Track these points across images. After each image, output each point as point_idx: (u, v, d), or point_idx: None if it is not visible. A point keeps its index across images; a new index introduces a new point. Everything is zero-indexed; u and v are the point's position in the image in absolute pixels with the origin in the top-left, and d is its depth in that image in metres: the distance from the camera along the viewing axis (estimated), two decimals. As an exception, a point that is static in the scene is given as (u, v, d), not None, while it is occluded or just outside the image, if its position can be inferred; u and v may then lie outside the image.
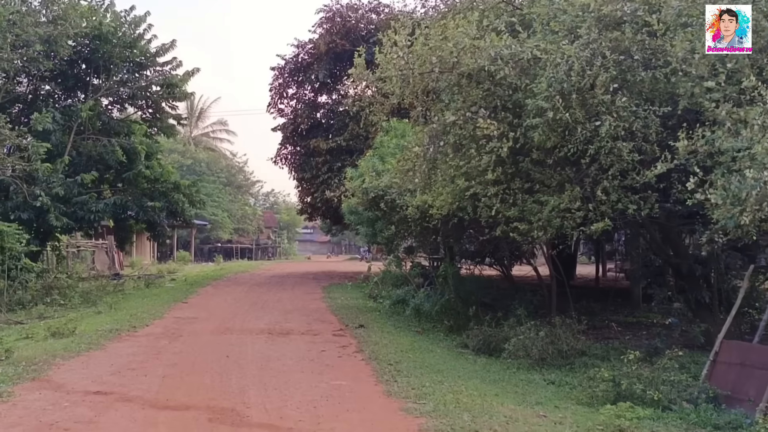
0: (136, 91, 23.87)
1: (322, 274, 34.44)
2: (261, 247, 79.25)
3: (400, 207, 14.59)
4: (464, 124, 10.73)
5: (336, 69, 30.62)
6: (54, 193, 20.27)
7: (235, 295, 21.68)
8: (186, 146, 70.11)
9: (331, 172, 28.66)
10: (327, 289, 23.90)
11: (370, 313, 16.92)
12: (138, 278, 28.49)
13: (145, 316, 15.89)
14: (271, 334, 13.32)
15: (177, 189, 23.42)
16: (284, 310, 17.62)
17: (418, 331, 14.28)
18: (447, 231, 14.11)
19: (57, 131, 21.63)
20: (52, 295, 19.84)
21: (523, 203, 10.67)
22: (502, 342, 11.89)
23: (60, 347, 11.32)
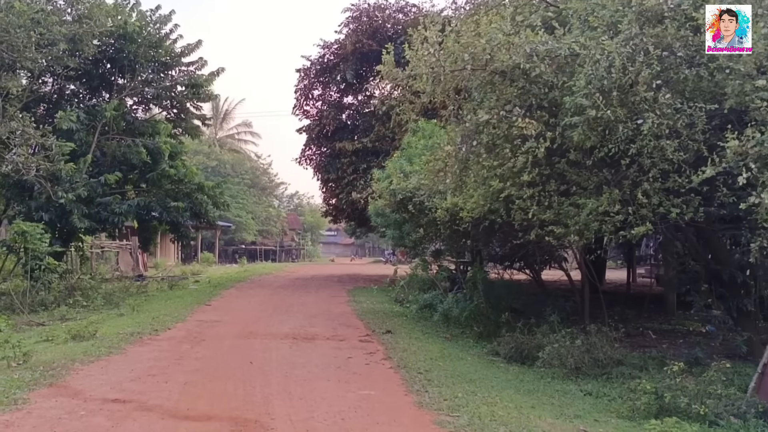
0: (161, 92, 23.66)
1: (347, 277, 34.12)
2: (285, 249, 79.14)
3: (428, 209, 14.18)
4: (498, 123, 10.32)
5: (362, 69, 30.28)
6: (77, 193, 20.06)
7: (258, 298, 21.38)
8: (211, 148, 70.17)
9: (356, 173, 28.32)
10: (352, 293, 23.53)
11: (397, 318, 16.52)
12: (161, 280, 28.30)
13: (167, 319, 15.60)
14: (296, 339, 12.95)
15: (201, 190, 23.15)
16: (309, 314, 17.27)
17: (446, 338, 13.88)
18: (477, 234, 13.66)
19: (81, 131, 21.46)
20: (74, 297, 19.63)
21: (559, 206, 10.22)
22: (535, 350, 11.45)
23: (80, 351, 11.03)
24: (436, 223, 14.13)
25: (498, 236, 14.27)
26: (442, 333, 14.41)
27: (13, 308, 17.37)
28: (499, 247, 16.68)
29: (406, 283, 19.73)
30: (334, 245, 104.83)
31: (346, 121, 31.50)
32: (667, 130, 8.64)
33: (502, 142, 10.36)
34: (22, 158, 19.86)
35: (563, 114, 9.91)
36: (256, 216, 68.42)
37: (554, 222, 10.22)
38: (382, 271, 40.28)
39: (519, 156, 9.91)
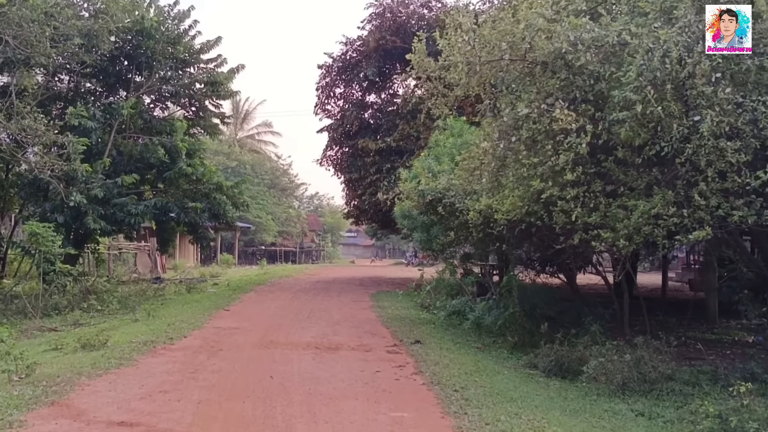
0: (179, 89, 22.96)
1: (369, 280, 33.30)
2: (305, 250, 78.67)
3: (459, 211, 13.36)
4: (539, 117, 9.48)
5: (385, 67, 29.49)
6: (93, 194, 19.43)
7: (279, 303, 20.62)
8: (231, 148, 69.81)
9: (379, 173, 27.50)
10: (375, 297, 22.69)
11: (425, 325, 15.67)
12: (179, 282, 27.66)
13: (183, 325, 14.85)
14: (319, 349, 12.15)
15: (219, 190, 22.43)
16: (331, 320, 16.47)
17: (479, 348, 13.03)
18: (513, 238, 12.80)
19: (97, 129, 20.82)
20: (89, 301, 19.07)
21: (606, 208, 9.36)
22: (576, 363, 10.61)
23: (88, 362, 10.28)
24: (468, 225, 13.29)
25: (534, 240, 13.39)
26: (474, 342, 13.57)
27: (25, 313, 16.77)
28: (533, 251, 15.81)
29: (432, 287, 18.87)
30: (354, 247, 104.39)
31: (368, 120, 30.69)
32: (728, 128, 7.78)
33: (543, 138, 9.52)
34: (38, 157, 19.32)
35: (610, 108, 9.08)
36: (275, 217, 67.95)
37: (600, 225, 9.37)
38: (404, 274, 39.46)
39: (561, 153, 9.07)
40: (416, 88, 31.29)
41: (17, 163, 19.31)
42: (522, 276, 17.64)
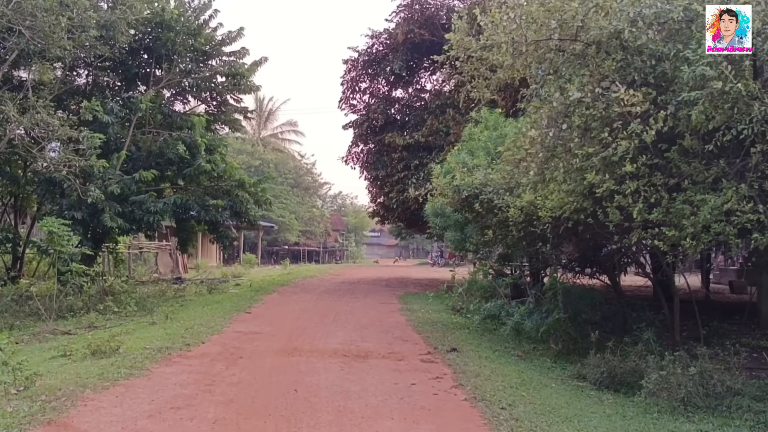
0: (200, 82, 22.10)
1: (395, 281, 32.32)
2: (328, 250, 78.09)
3: (498, 208, 12.35)
4: (593, 102, 8.47)
5: (413, 61, 28.50)
6: (111, 190, 18.65)
7: (303, 305, 19.70)
8: (254, 147, 69.36)
9: (407, 170, 26.49)
10: (403, 299, 21.70)
11: (458, 330, 14.66)
12: (201, 283, 26.89)
13: (202, 330, 13.97)
14: (347, 357, 11.20)
15: (241, 187, 21.56)
16: (359, 324, 15.52)
17: (519, 356, 12.02)
18: (556, 238, 11.78)
19: (115, 124, 20.08)
20: (105, 302, 18.30)
21: (669, 203, 8.33)
22: (630, 375, 9.62)
23: (95, 372, 9.40)
24: (507, 224, 12.29)
25: (578, 240, 12.35)
26: (513, 350, 12.56)
27: (39, 314, 16.02)
28: (574, 251, 14.77)
29: (464, 289, 17.85)
30: (378, 246, 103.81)
31: (395, 115, 29.69)
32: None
33: (598, 124, 8.51)
34: (55, 154, 18.63)
35: (677, 90, 8.08)
36: (299, 216, 67.33)
37: (662, 223, 8.35)
38: (430, 275, 38.51)
39: (621, 141, 8.06)
40: (445, 83, 30.38)
41: (35, 160, 18.58)
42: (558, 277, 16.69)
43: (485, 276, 17.62)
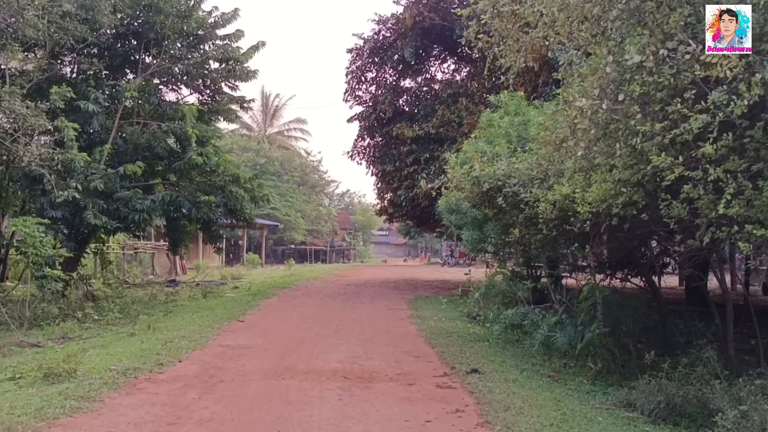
0: (192, 69, 20.28)
1: (404, 283, 30.45)
2: (335, 249, 76.54)
3: (525, 203, 10.52)
4: (657, 67, 6.66)
5: (422, 48, 26.63)
6: (92, 187, 16.92)
7: (303, 311, 17.90)
8: (260, 144, 67.88)
9: (417, 164, 24.62)
10: (413, 305, 19.84)
11: (477, 343, 12.83)
12: (196, 285, 25.14)
13: (183, 343, 12.19)
14: (348, 380, 9.41)
15: (236, 182, 19.75)
16: (364, 335, 13.71)
17: (551, 376, 10.19)
18: (598, 237, 9.95)
19: (100, 115, 18.33)
20: (85, 309, 16.64)
21: (755, 194, 6.50)
22: (691, 404, 7.84)
23: (37, 403, 7.61)
24: (536, 221, 10.47)
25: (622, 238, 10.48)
26: (542, 367, 10.76)
27: (10, 323, 14.36)
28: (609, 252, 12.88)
29: (481, 294, 15.99)
30: (386, 245, 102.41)
31: (403, 107, 27.81)
32: None
33: (664, 94, 6.68)
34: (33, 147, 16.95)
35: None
36: (305, 215, 65.77)
37: (745, 219, 6.54)
38: (441, 276, 36.68)
39: (697, 115, 6.25)
40: (457, 72, 28.55)
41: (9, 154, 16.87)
42: (578, 280, 14.90)
43: (510, 280, 15.80)
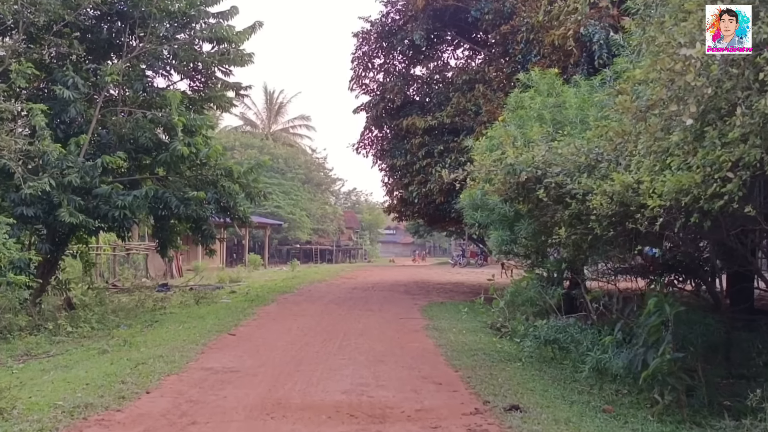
0: (180, 51, 18.23)
1: (414, 286, 28.36)
2: (342, 248, 74.75)
3: (572, 196, 8.48)
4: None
5: (434, 32, 24.57)
6: (66, 181, 14.98)
7: (303, 321, 15.85)
8: (263, 142, 66.16)
9: (430, 157, 22.49)
10: (428, 312, 17.75)
11: (508, 364, 10.76)
12: (189, 290, 23.16)
13: (157, 365, 10.19)
14: (354, 419, 7.40)
15: (229, 176, 17.70)
16: (373, 353, 11.65)
17: (606, 410, 8.16)
18: (672, 236, 7.90)
19: (78, 102, 16.35)
20: (56, 320, 14.74)
21: None
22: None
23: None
24: (585, 218, 8.45)
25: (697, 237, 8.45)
26: (588, 392, 8.80)
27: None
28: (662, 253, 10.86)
29: (507, 302, 13.92)
30: (393, 244, 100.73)
31: (413, 96, 25.70)
32: None
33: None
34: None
35: None
36: (310, 213, 63.93)
37: None
38: (453, 278, 34.69)
39: None
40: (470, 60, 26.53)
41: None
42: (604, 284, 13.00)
43: (533, 286, 13.77)
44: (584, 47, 16.42)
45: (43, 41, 18.20)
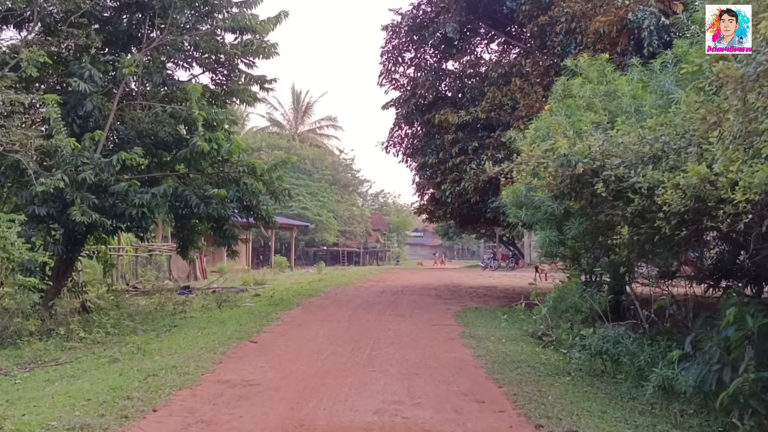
0: (201, 42, 17.31)
1: (446, 289, 27.24)
2: (369, 251, 73.84)
3: (636, 190, 7.40)
4: None
5: (467, 25, 23.49)
6: (81, 178, 14.16)
7: (330, 327, 14.87)
8: (290, 143, 65.47)
9: (464, 154, 21.34)
10: (462, 318, 16.66)
11: (556, 378, 9.68)
12: (212, 293, 22.27)
13: (170, 377, 9.25)
14: (388, 444, 6.44)
15: (252, 173, 16.73)
16: (406, 364, 10.61)
17: (677, 436, 7.13)
18: (761, 236, 6.79)
19: (95, 95, 15.54)
20: (68, 324, 13.94)
21: None
22: None
23: None
24: (649, 216, 7.37)
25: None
26: (650, 413, 7.72)
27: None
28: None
29: (549, 308, 12.82)
30: (420, 246, 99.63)
31: (445, 91, 24.58)
32: None
33: None
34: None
35: None
36: (337, 215, 63.11)
37: None
38: (485, 281, 33.53)
39: None
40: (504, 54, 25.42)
41: None
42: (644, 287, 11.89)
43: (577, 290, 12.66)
44: (632, 34, 15.34)
45: (60, 33, 17.50)
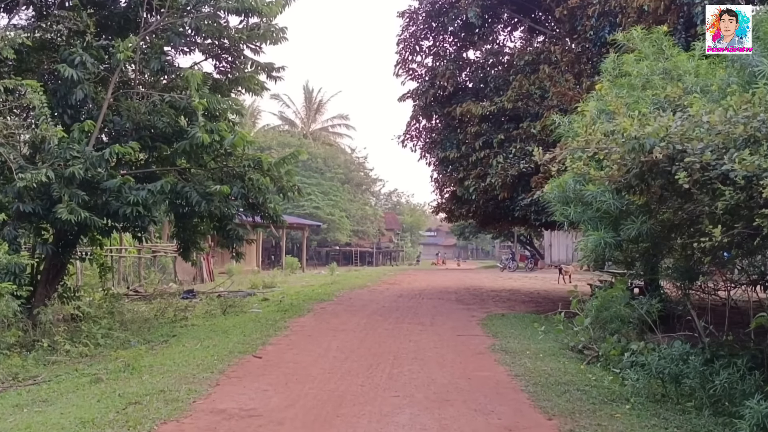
0: (203, 24, 15.81)
1: (466, 293, 25.65)
2: (382, 251, 72.57)
3: (727, 181, 5.88)
4: None
5: (489, 11, 21.91)
6: (69, 173, 12.75)
7: (344, 338, 13.35)
8: (301, 140, 64.26)
9: (489, 147, 19.68)
10: (489, 327, 15.09)
11: (613, 406, 8.06)
12: (218, 297, 20.84)
13: (154, 406, 7.75)
14: None
15: (258, 168, 15.23)
16: (434, 386, 9.06)
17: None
18: None
19: (87, 83, 14.13)
20: (52, 336, 12.56)
21: None
22: None
23: None
24: (745, 213, 5.85)
25: None
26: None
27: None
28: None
29: (593, 318, 11.28)
30: (434, 246, 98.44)
31: (466, 82, 22.96)
32: None
33: None
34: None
35: None
36: (350, 214, 61.83)
37: None
38: (506, 283, 32.01)
39: None
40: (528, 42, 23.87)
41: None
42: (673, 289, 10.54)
43: (623, 298, 11.14)
44: (680, 11, 13.82)
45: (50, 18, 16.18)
